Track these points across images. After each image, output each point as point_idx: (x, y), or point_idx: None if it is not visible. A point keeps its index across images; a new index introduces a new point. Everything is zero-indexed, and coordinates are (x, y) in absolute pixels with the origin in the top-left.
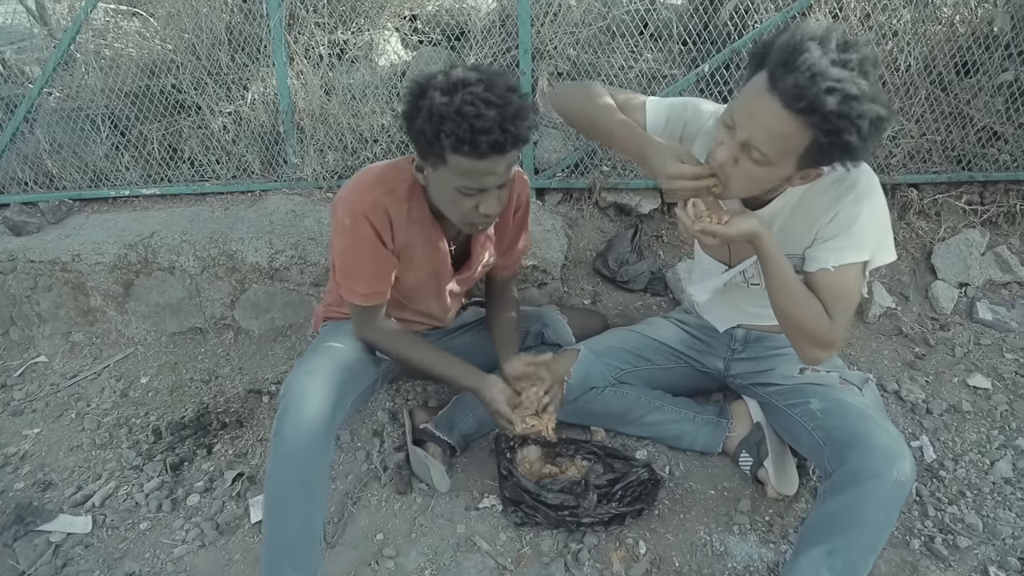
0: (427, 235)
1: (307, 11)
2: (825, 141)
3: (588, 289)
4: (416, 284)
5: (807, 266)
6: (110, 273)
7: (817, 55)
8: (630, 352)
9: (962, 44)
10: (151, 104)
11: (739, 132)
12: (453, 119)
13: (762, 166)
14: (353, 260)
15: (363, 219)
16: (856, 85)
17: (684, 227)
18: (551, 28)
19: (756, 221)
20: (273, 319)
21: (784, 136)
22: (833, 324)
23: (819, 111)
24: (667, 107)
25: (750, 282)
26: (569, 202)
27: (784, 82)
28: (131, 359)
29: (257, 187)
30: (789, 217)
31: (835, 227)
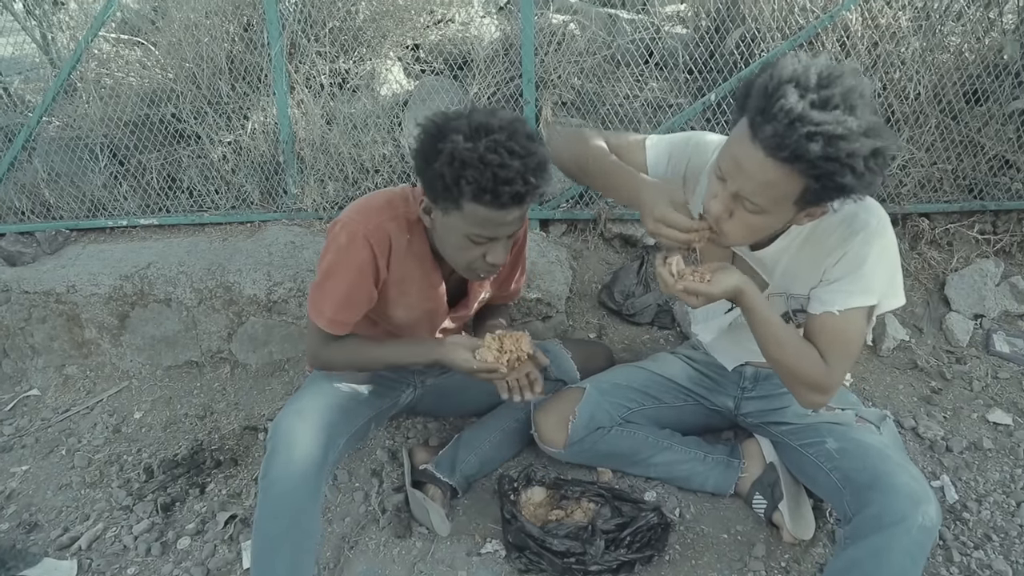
0: (424, 272)
1: (308, 40)
2: (817, 186)
3: (593, 322)
4: (409, 322)
5: (811, 307)
6: (105, 305)
7: (794, 99)
8: (637, 390)
9: (972, 72)
10: (150, 133)
11: (729, 184)
12: (476, 167)
13: (758, 215)
14: (333, 280)
15: (362, 241)
16: (841, 124)
17: (665, 285)
18: (555, 57)
19: (738, 276)
20: (271, 353)
21: (773, 185)
22: (830, 370)
23: (803, 158)
24: (668, 144)
25: None
26: (573, 233)
27: (763, 131)
28: (125, 393)
29: (256, 218)
30: (795, 256)
31: (842, 269)
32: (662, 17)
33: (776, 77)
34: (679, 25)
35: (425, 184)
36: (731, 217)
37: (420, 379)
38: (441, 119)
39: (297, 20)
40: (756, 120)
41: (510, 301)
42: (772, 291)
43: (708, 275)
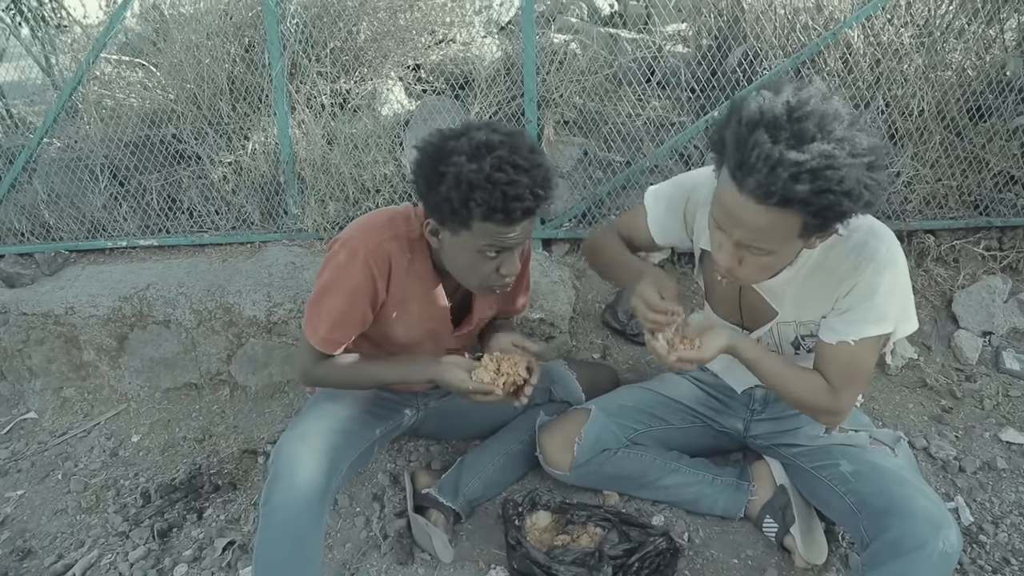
0: (426, 290)
1: (309, 60)
2: (819, 219)
3: (597, 343)
4: (411, 342)
5: (823, 335)
6: (104, 326)
7: (768, 145)
8: (644, 411)
9: (975, 88)
10: (151, 154)
11: (731, 234)
12: (484, 187)
13: (766, 256)
14: (329, 298)
15: (361, 262)
16: (822, 156)
17: (659, 358)
18: (556, 76)
19: (727, 334)
20: (271, 375)
21: (772, 229)
22: (837, 397)
23: (794, 199)
24: (658, 194)
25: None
26: (576, 253)
27: (748, 184)
28: (123, 416)
29: (257, 238)
30: (804, 283)
31: (853, 298)
32: (663, 36)
33: (745, 123)
34: (680, 44)
35: (430, 207)
36: (742, 264)
37: (423, 401)
38: (439, 140)
39: (298, 40)
40: (737, 174)
41: (513, 316)
42: (781, 320)
43: (697, 340)
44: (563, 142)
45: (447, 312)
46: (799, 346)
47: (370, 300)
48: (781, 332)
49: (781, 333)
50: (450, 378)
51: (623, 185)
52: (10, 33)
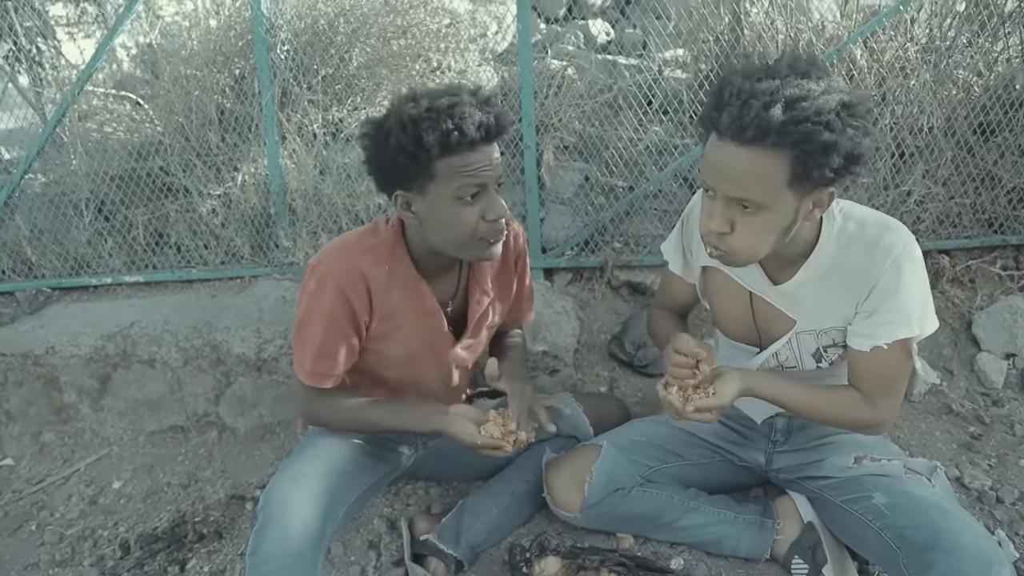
0: (414, 299)
1: (300, 88)
2: (800, 154)
3: (604, 375)
4: (408, 358)
5: (854, 343)
6: (86, 366)
7: (739, 81)
8: (658, 447)
9: (984, 104)
10: (137, 187)
11: (718, 193)
12: (429, 117)
13: (759, 214)
14: (308, 329)
15: (331, 286)
16: (796, 86)
17: (675, 411)
18: (555, 101)
19: (739, 375)
20: (260, 415)
21: (758, 173)
22: (874, 408)
23: (770, 129)
24: (667, 240)
25: (785, 365)
26: (580, 282)
27: (722, 123)
28: (104, 461)
29: (246, 273)
30: (820, 285)
31: (877, 299)
32: (661, 62)
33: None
34: (679, 70)
35: (389, 175)
36: (733, 231)
37: (421, 440)
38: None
39: (289, 68)
40: (713, 117)
41: (522, 324)
42: (800, 328)
43: (711, 388)
44: (563, 167)
45: (441, 317)
46: (821, 358)
47: (352, 324)
48: (801, 343)
49: (801, 344)
50: (457, 430)
51: (626, 211)
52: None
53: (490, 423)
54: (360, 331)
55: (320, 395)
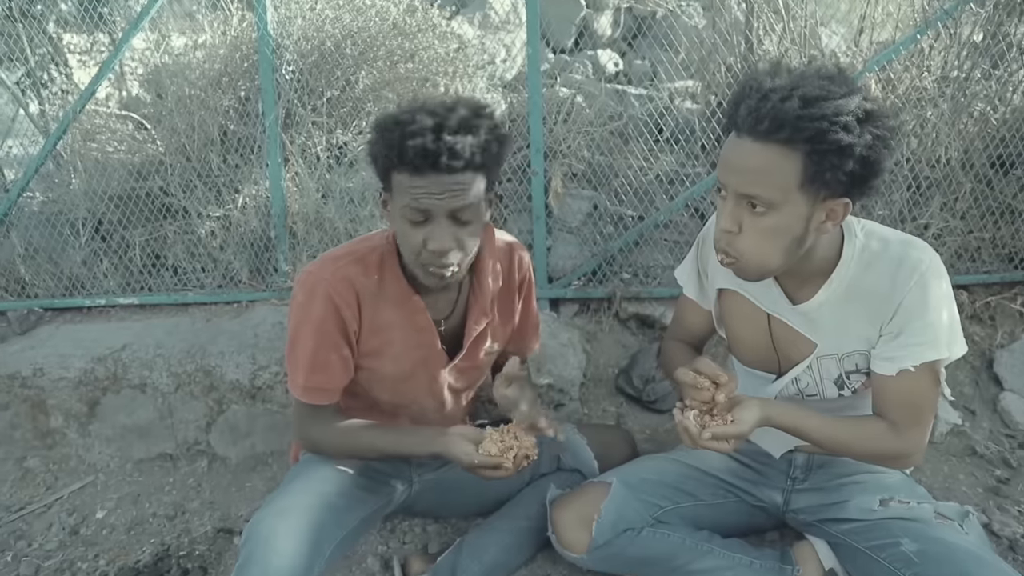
0: (406, 314)
1: (305, 110)
2: (813, 152)
3: (611, 410)
4: (401, 377)
5: (879, 367)
6: (74, 390)
7: (761, 78)
8: (669, 485)
9: (1004, 136)
10: (136, 207)
11: (729, 190)
12: (389, 128)
13: (769, 215)
14: (299, 342)
15: (321, 294)
16: (817, 86)
17: (689, 438)
18: (564, 127)
19: (759, 404)
20: (253, 445)
21: (769, 169)
22: (902, 438)
23: (785, 124)
24: (682, 265)
25: (805, 393)
26: (586, 314)
27: (739, 117)
28: (89, 489)
29: (244, 297)
30: (843, 306)
31: (903, 318)
32: (671, 92)
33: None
34: (688, 100)
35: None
36: (741, 231)
37: (417, 473)
38: None
39: (294, 89)
40: (731, 111)
41: (526, 354)
42: (821, 352)
43: (729, 415)
44: (571, 195)
45: (434, 334)
46: (843, 385)
47: (341, 333)
48: (822, 368)
49: (822, 369)
50: (455, 450)
51: (636, 241)
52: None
53: (487, 440)
54: (351, 342)
55: (317, 416)
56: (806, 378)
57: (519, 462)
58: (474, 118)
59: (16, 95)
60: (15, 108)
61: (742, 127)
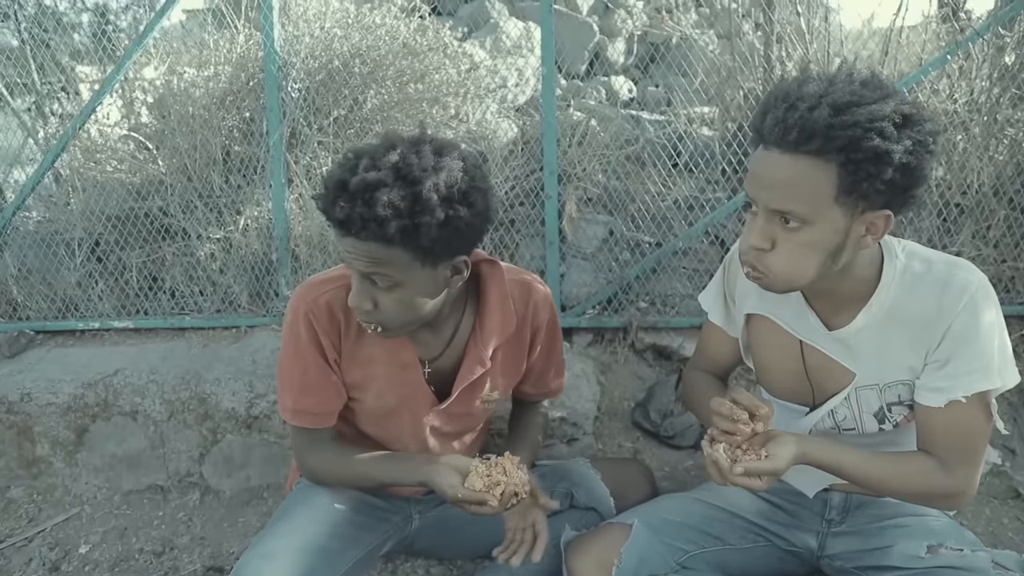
0: (390, 349)
1: (311, 129)
2: (847, 162)
3: (627, 446)
4: (383, 414)
5: (924, 399)
6: (62, 416)
7: (788, 86)
8: (694, 528)
9: None
10: (134, 228)
11: (760, 206)
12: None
13: (802, 230)
14: (286, 366)
15: (302, 318)
16: (848, 92)
17: (719, 473)
18: (579, 150)
19: (794, 439)
20: (248, 477)
21: (802, 181)
22: (952, 476)
23: (815, 134)
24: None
25: (842, 427)
26: (601, 344)
27: (766, 126)
28: (74, 522)
29: (243, 322)
30: (882, 333)
31: (952, 345)
32: (687, 118)
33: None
34: (706, 127)
35: None
36: (774, 248)
37: (416, 508)
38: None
39: (299, 107)
40: (757, 122)
41: (546, 396)
42: (860, 383)
43: (762, 450)
44: (586, 220)
45: (418, 373)
46: (884, 418)
47: (322, 355)
48: (861, 400)
49: (861, 402)
50: (440, 481)
51: (653, 268)
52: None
53: (472, 473)
54: (333, 368)
55: (312, 441)
56: (843, 411)
57: (506, 499)
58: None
59: (24, 122)
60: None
61: (769, 139)
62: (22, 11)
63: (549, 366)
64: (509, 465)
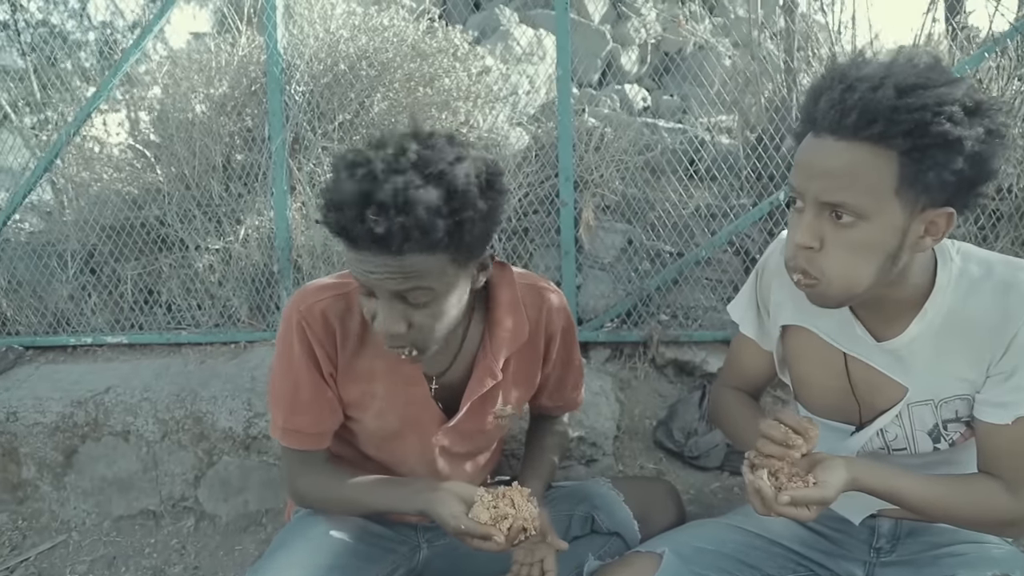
0: (392, 363)
1: (315, 134)
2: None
3: (649, 467)
4: (386, 436)
5: (986, 415)
6: (50, 436)
7: (845, 68)
8: (729, 556)
9: None
10: (129, 239)
11: (808, 199)
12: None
13: (856, 226)
14: (278, 381)
15: (295, 328)
16: (913, 74)
17: (763, 502)
18: (595, 156)
19: (844, 464)
20: (246, 502)
21: (859, 171)
22: (1019, 500)
23: (878, 116)
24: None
25: (892, 447)
26: (619, 359)
27: (820, 110)
28: (60, 550)
29: (242, 337)
30: (937, 343)
31: (1016, 356)
32: (703, 127)
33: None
34: (724, 136)
35: None
36: (823, 247)
37: (425, 537)
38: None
39: (303, 111)
40: (809, 109)
41: (563, 409)
42: (914, 398)
43: (810, 476)
44: (604, 228)
45: (424, 389)
46: (939, 437)
47: (316, 369)
48: (914, 417)
49: (914, 419)
50: (441, 511)
51: (675, 279)
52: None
53: (477, 504)
54: (329, 383)
55: (304, 464)
56: (894, 429)
57: (514, 535)
58: (416, 189)
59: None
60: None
61: (822, 124)
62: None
63: (566, 377)
64: (518, 497)
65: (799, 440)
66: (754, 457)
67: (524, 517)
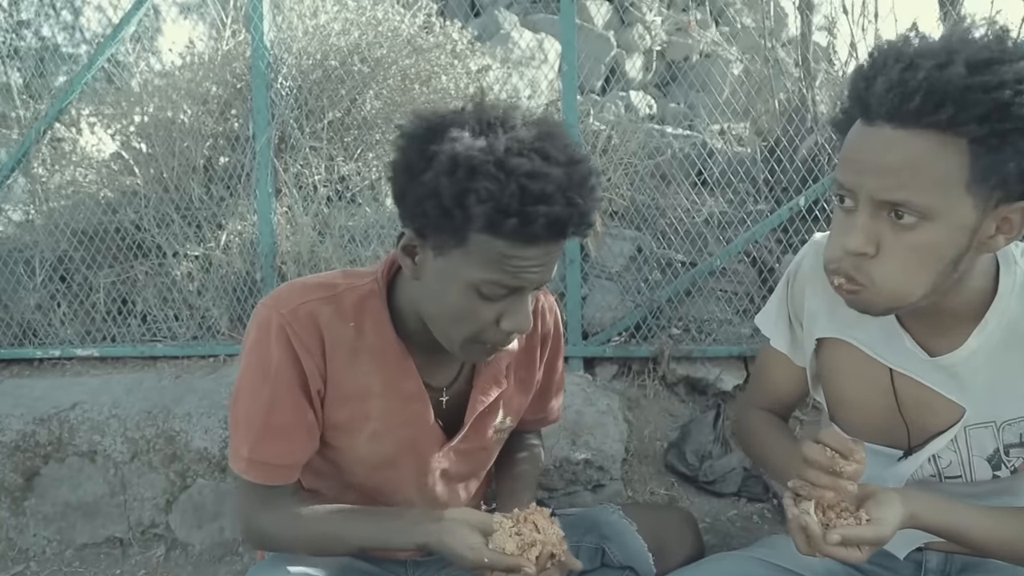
0: (390, 377)
1: (302, 133)
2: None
3: (660, 492)
4: (380, 463)
5: None
6: (9, 457)
7: (900, 45)
8: None
9: None
10: (102, 244)
11: (861, 198)
12: (494, 176)
13: (919, 227)
14: (244, 401)
15: (274, 333)
16: (982, 48)
17: (810, 542)
18: (602, 160)
19: (899, 497)
20: (221, 529)
21: (924, 164)
22: None
23: (947, 98)
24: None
25: (946, 474)
26: (627, 376)
27: (875, 93)
28: None
29: (222, 350)
30: (999, 358)
31: None
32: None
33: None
34: (734, 143)
35: (409, 208)
36: (879, 251)
37: (415, 573)
38: (434, 116)
39: (290, 108)
40: (860, 94)
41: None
42: (972, 420)
43: (862, 512)
44: (612, 235)
45: (426, 405)
46: (1000, 464)
47: (302, 389)
48: (972, 441)
49: (972, 443)
50: (454, 544)
51: (687, 290)
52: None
53: (499, 532)
54: (313, 403)
55: (268, 500)
56: (949, 455)
57: (543, 563)
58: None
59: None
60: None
61: (878, 110)
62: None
63: (550, 384)
64: (541, 520)
65: (849, 467)
66: (799, 487)
67: (552, 542)
